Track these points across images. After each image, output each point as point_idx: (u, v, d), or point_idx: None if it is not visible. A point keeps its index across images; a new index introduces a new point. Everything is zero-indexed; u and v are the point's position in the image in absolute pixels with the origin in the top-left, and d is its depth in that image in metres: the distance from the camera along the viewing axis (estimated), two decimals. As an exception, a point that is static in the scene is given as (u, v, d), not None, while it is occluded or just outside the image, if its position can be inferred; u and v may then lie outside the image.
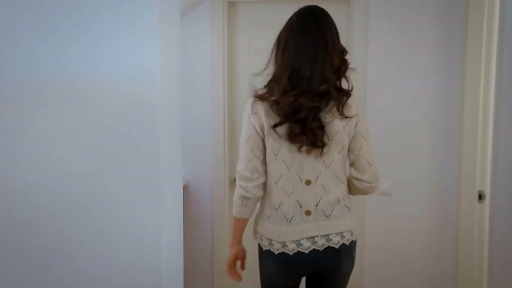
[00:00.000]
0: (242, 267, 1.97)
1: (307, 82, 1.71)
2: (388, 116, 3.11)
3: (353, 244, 1.90)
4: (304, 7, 1.83)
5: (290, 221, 1.81)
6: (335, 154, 1.82)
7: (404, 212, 3.17)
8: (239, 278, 1.94)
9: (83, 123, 1.34)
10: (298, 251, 1.81)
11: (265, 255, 1.87)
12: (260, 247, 1.91)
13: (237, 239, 1.92)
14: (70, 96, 1.34)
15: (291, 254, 1.81)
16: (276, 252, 1.82)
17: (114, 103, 1.33)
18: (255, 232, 1.93)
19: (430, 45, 3.05)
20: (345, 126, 1.79)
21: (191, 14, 3.26)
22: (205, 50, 3.28)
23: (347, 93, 1.80)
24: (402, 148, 3.13)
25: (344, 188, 1.89)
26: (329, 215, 1.82)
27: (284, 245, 1.81)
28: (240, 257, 1.95)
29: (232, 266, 1.92)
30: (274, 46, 1.84)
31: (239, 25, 3.36)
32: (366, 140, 1.86)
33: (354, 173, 1.89)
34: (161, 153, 1.32)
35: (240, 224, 1.88)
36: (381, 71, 3.11)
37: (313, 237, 1.81)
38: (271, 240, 1.83)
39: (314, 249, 1.82)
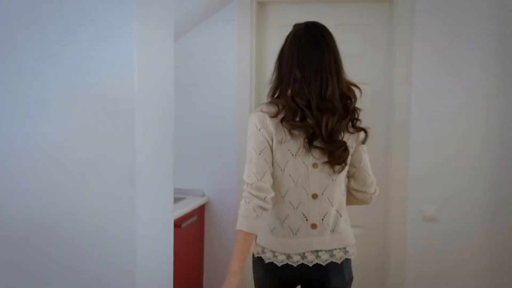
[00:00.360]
0: None
1: (332, 102, 1.80)
2: (434, 128, 2.96)
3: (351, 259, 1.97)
4: (308, 23, 1.90)
5: (296, 234, 1.88)
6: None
7: (452, 241, 2.98)
8: None
9: (53, 129, 1.33)
10: (302, 263, 1.87)
11: (265, 267, 1.91)
12: (258, 261, 1.94)
13: (242, 263, 1.83)
14: (48, 102, 1.33)
15: (295, 266, 1.87)
16: (280, 264, 1.88)
17: (88, 113, 1.29)
18: (258, 246, 1.95)
19: (483, 47, 2.88)
20: (348, 139, 1.87)
21: (216, 15, 3.17)
22: (231, 55, 3.16)
23: (359, 111, 1.89)
24: (450, 167, 2.96)
25: (344, 200, 1.97)
26: (333, 230, 1.91)
27: (288, 257, 1.88)
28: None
29: None
30: (277, 60, 1.91)
31: (269, 28, 3.21)
32: (365, 152, 1.96)
33: (355, 185, 1.99)
34: (138, 169, 1.26)
35: (248, 241, 1.84)
36: (427, 77, 2.95)
37: (317, 251, 1.89)
38: (274, 252, 1.89)
39: (317, 263, 1.88)
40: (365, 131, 1.89)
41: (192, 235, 3.06)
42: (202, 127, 3.21)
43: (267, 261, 1.89)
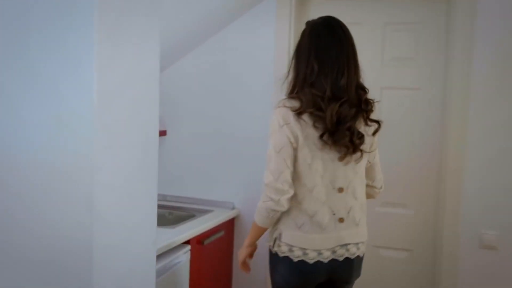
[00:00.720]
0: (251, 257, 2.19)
1: (346, 91, 1.86)
2: (495, 142, 2.73)
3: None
4: (324, 17, 1.97)
5: (325, 229, 1.92)
6: (362, 160, 1.98)
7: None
8: (249, 269, 2.17)
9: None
10: (333, 258, 1.94)
11: (293, 266, 1.92)
12: (284, 260, 1.94)
13: (255, 241, 2.08)
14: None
15: (325, 262, 1.92)
16: (311, 262, 1.91)
17: (43, 122, 1.13)
18: (285, 244, 1.94)
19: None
20: (367, 132, 1.95)
21: (251, 11, 3.03)
22: (267, 55, 3.02)
23: (373, 102, 1.96)
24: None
25: (364, 194, 2.05)
26: (358, 224, 1.99)
27: (319, 253, 1.91)
28: (253, 253, 2.14)
29: (246, 261, 2.14)
30: (294, 56, 1.97)
31: (309, 25, 2.89)
32: (377, 148, 2.07)
33: (365, 180, 2.07)
34: (99, 190, 1.04)
35: (261, 231, 2.02)
36: (489, 85, 2.72)
37: (346, 245, 1.96)
38: (305, 249, 1.91)
39: (347, 257, 1.96)
40: (378, 123, 1.95)
41: (217, 252, 2.87)
42: (234, 128, 3.07)
43: (296, 259, 1.92)
